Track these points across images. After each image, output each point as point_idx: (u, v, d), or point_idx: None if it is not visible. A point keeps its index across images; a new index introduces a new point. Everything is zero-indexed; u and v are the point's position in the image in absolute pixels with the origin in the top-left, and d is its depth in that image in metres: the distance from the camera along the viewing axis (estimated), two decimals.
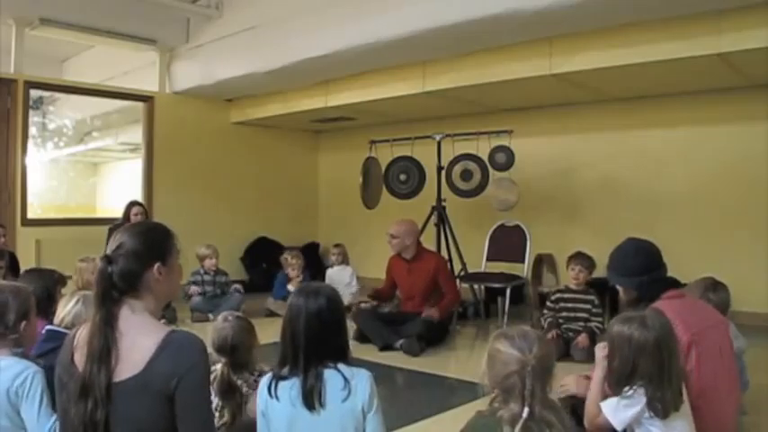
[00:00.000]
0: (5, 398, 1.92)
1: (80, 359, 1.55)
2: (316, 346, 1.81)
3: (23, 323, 2.09)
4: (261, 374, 2.34)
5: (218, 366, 2.40)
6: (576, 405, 2.27)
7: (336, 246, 6.63)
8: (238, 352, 2.44)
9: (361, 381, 1.82)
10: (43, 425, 1.92)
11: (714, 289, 2.99)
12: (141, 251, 1.62)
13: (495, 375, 1.64)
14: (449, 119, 7.05)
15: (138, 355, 1.50)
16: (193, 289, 5.76)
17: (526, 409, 1.55)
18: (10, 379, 1.93)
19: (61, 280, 3.11)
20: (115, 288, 1.57)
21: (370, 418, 1.80)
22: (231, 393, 2.36)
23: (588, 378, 2.27)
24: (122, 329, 1.55)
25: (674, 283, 2.41)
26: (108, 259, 1.59)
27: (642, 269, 2.38)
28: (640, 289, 2.38)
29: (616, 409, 1.99)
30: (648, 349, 1.95)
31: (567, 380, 2.44)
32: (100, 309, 1.55)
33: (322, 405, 1.76)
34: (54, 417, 1.88)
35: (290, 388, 1.79)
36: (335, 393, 1.77)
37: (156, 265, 1.62)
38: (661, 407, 1.93)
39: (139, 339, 1.53)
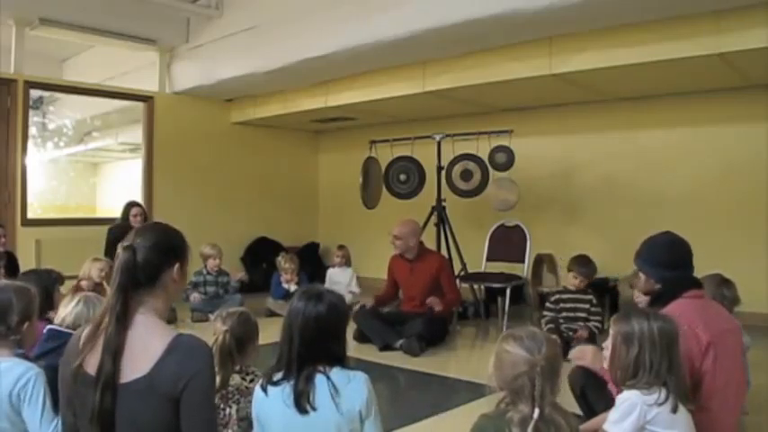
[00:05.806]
0: (7, 400, 1.89)
1: (90, 361, 1.53)
2: (311, 350, 1.77)
3: (26, 324, 2.05)
4: (253, 380, 2.28)
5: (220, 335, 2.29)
6: (584, 388, 2.23)
7: (340, 247, 6.60)
8: (243, 327, 2.34)
9: (359, 384, 1.77)
10: (46, 428, 1.90)
11: (727, 285, 3.02)
12: (166, 247, 1.64)
13: (504, 376, 1.62)
14: (449, 119, 7.05)
15: (146, 356, 1.49)
16: (195, 296, 5.70)
17: (536, 411, 1.54)
18: (12, 382, 1.90)
19: (59, 279, 3.10)
20: (136, 281, 1.56)
21: (368, 424, 1.76)
22: (229, 361, 2.28)
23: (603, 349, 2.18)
24: (134, 329, 1.54)
25: (697, 284, 2.37)
26: (132, 249, 1.56)
27: (671, 264, 2.35)
28: (664, 283, 2.35)
29: (615, 423, 1.94)
30: (653, 339, 1.92)
31: (582, 350, 2.37)
32: (117, 302, 1.53)
33: (314, 408, 1.71)
34: (56, 419, 1.86)
35: (282, 390, 1.76)
36: (328, 397, 1.72)
37: (177, 265, 1.64)
38: (670, 400, 1.89)
39: (149, 340, 1.52)
